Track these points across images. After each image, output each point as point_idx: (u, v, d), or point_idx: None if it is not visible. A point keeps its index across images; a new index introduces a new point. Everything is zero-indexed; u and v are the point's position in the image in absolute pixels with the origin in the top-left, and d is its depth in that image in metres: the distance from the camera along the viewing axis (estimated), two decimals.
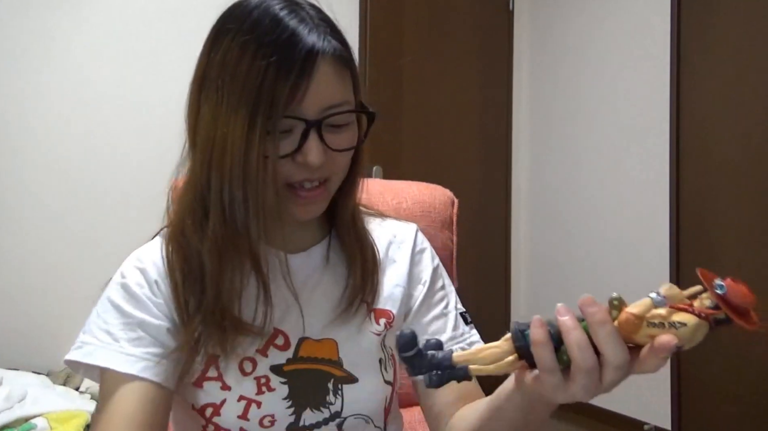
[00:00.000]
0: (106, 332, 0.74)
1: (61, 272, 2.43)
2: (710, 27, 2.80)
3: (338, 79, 0.72)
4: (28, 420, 1.91)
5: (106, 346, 0.73)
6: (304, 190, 0.74)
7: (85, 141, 2.53)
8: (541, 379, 0.55)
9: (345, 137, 0.74)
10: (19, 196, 2.42)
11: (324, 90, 0.70)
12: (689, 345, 0.53)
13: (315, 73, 0.69)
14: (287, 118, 0.69)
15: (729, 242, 2.71)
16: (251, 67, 0.68)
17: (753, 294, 0.51)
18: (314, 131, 0.70)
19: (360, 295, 0.82)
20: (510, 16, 3.69)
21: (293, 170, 0.72)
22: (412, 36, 3.33)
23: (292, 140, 0.71)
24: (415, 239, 0.91)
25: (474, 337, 0.89)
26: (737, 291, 0.51)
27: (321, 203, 0.77)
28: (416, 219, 0.96)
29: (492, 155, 3.64)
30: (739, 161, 2.69)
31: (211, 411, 0.76)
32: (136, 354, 0.72)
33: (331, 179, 0.76)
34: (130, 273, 0.78)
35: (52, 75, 2.48)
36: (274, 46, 0.68)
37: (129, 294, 0.76)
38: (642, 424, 2.99)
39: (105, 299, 0.77)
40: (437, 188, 1.05)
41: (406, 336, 0.58)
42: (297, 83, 0.68)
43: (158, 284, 0.76)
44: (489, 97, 3.61)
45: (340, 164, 0.76)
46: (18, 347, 2.37)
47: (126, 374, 0.71)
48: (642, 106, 3.06)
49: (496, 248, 3.62)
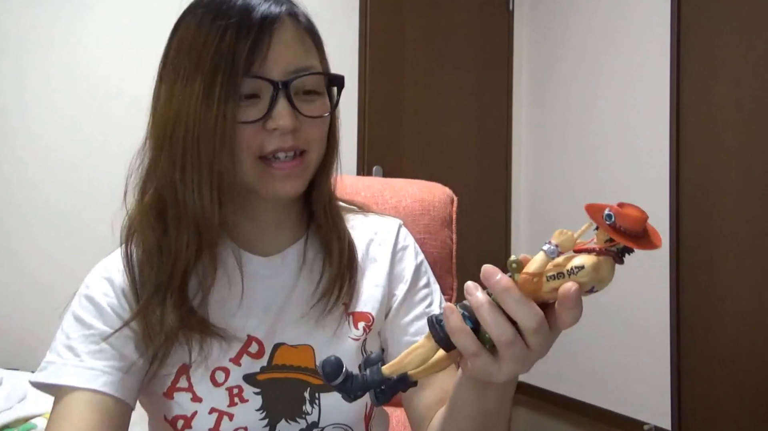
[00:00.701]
0: (68, 347, 0.71)
1: (61, 271, 2.42)
2: (710, 26, 2.80)
3: (300, 42, 0.70)
4: (28, 420, 1.90)
5: (67, 362, 0.70)
6: (279, 161, 0.70)
7: (89, 138, 2.52)
8: (471, 364, 0.53)
9: (316, 105, 0.72)
10: (20, 194, 2.42)
11: (287, 51, 0.68)
12: (600, 286, 0.50)
13: (275, 33, 0.67)
14: (251, 77, 0.66)
15: (729, 241, 2.71)
16: (208, 35, 0.66)
17: (643, 213, 0.49)
18: (283, 93, 0.68)
19: (337, 285, 0.77)
20: (510, 16, 3.69)
21: (265, 138, 0.68)
22: (412, 36, 3.34)
23: (261, 106, 0.68)
24: (396, 236, 0.86)
25: None
26: (625, 216, 0.48)
27: (299, 178, 0.72)
28: (416, 217, 0.96)
29: (492, 155, 3.64)
30: (739, 161, 2.69)
31: (183, 423, 0.73)
32: (96, 368, 0.69)
33: (308, 152, 0.72)
34: (94, 283, 0.75)
35: (54, 71, 2.48)
36: (231, 12, 0.67)
37: (93, 305, 0.73)
38: (642, 424, 2.99)
39: (69, 313, 0.74)
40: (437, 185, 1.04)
41: (331, 364, 0.54)
42: (257, 40, 0.66)
43: (125, 293, 0.73)
44: (489, 97, 3.62)
45: (314, 134, 0.72)
46: (18, 347, 2.36)
47: (85, 389, 0.68)
48: (642, 105, 3.06)
49: (496, 248, 3.62)
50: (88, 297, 0.74)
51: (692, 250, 2.85)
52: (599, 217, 0.50)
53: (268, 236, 0.79)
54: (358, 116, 3.11)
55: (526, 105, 3.71)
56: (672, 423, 2.88)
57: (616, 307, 3.13)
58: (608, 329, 3.17)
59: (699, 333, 2.81)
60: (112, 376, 0.69)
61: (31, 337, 2.41)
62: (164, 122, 0.69)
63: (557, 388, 3.45)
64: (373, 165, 3.16)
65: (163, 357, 0.71)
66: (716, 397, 2.74)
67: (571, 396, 3.36)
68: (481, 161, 3.59)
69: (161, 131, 0.69)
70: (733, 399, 2.69)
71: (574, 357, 3.35)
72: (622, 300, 3.10)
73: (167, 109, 0.68)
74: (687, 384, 2.86)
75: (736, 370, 2.67)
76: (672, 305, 2.89)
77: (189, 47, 0.68)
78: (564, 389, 3.41)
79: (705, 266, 2.80)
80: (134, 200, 0.74)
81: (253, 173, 0.70)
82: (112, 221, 0.76)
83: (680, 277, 2.87)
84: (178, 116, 0.67)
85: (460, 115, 3.51)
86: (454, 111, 3.49)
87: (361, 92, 3.13)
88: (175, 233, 0.70)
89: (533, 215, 3.66)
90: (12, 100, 2.42)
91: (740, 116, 2.68)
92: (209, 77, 0.65)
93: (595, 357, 3.24)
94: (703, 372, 2.80)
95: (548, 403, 3.48)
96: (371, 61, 3.16)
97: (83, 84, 2.52)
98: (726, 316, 2.71)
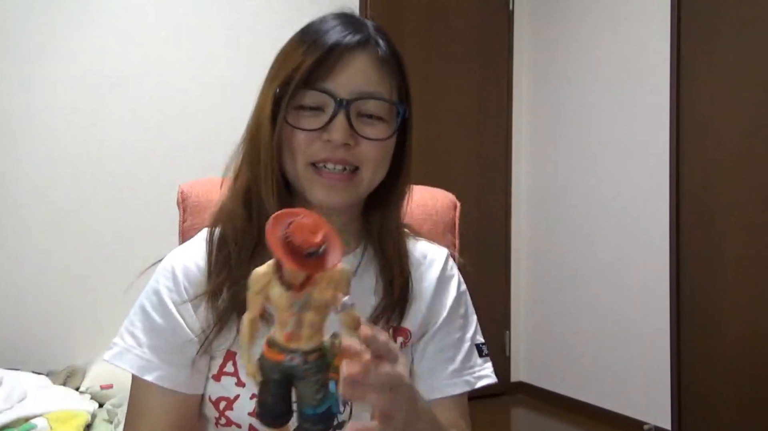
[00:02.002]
0: (131, 334, 0.77)
1: (62, 271, 2.42)
2: (710, 26, 2.79)
3: (376, 72, 0.77)
4: (28, 420, 1.91)
5: (130, 349, 0.76)
6: (327, 171, 0.75)
7: (92, 135, 2.52)
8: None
9: (376, 128, 0.77)
10: (21, 192, 2.42)
11: (357, 75, 0.75)
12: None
13: (350, 56, 0.75)
14: (314, 90, 0.74)
15: (729, 241, 2.71)
16: (290, 51, 0.77)
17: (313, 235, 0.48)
18: (343, 111, 0.74)
19: (387, 315, 0.81)
20: (510, 16, 3.68)
21: (319, 148, 0.75)
22: (412, 36, 3.33)
23: (323, 118, 0.75)
24: (445, 264, 0.90)
25: (484, 371, 0.87)
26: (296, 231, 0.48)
27: (346, 190, 0.77)
28: (418, 223, 0.95)
29: (492, 155, 3.63)
30: (740, 161, 2.69)
31: (225, 404, 0.78)
32: (153, 361, 0.75)
33: (360, 170, 0.77)
34: (162, 277, 0.80)
35: (57, 73, 2.48)
36: (317, 32, 0.76)
37: (158, 300, 0.78)
38: (642, 424, 2.99)
39: (138, 303, 0.80)
40: (440, 191, 1.04)
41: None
42: (325, 58, 0.74)
43: (187, 290, 0.78)
44: (489, 97, 3.61)
45: (368, 154, 0.76)
46: (18, 347, 2.36)
47: (145, 380, 0.75)
48: (642, 105, 3.05)
49: (496, 249, 3.62)
50: (156, 291, 0.79)
51: (692, 249, 2.85)
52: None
53: None
54: None
55: (526, 105, 3.71)
56: (672, 423, 2.88)
57: (616, 307, 3.13)
58: (608, 329, 3.17)
59: (699, 333, 2.81)
60: (171, 369, 0.75)
61: (31, 337, 2.41)
62: (251, 121, 0.79)
63: (557, 388, 3.45)
64: None
65: (214, 339, 0.76)
66: (716, 397, 2.75)
67: (571, 396, 3.36)
68: (481, 162, 3.59)
69: (249, 129, 0.79)
70: (732, 399, 2.69)
71: (574, 356, 3.36)
72: (622, 300, 3.10)
73: (255, 110, 0.79)
74: (687, 384, 2.86)
75: (736, 370, 2.68)
76: (672, 305, 2.89)
77: (276, 62, 0.78)
78: (564, 389, 3.41)
79: (705, 267, 2.80)
80: (228, 187, 0.82)
81: (304, 177, 0.76)
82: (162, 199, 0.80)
83: (680, 277, 2.87)
84: (258, 118, 0.78)
85: (460, 115, 3.51)
86: (454, 111, 3.48)
87: None
88: (257, 221, 0.76)
89: (533, 215, 3.66)
90: (14, 102, 2.41)
91: (740, 116, 2.68)
92: (281, 86, 0.75)
93: (595, 357, 3.24)
94: (703, 372, 2.80)
95: (548, 403, 3.48)
96: None
97: (86, 86, 2.52)
98: (726, 316, 2.71)
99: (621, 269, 3.12)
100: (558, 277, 3.48)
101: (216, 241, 0.80)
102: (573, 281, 3.38)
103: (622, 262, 3.12)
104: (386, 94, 0.77)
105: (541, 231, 3.60)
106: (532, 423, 3.42)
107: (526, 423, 3.44)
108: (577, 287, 3.36)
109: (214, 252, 0.79)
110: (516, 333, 3.65)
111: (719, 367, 2.73)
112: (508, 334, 3.63)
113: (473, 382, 0.86)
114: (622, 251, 3.12)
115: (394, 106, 0.79)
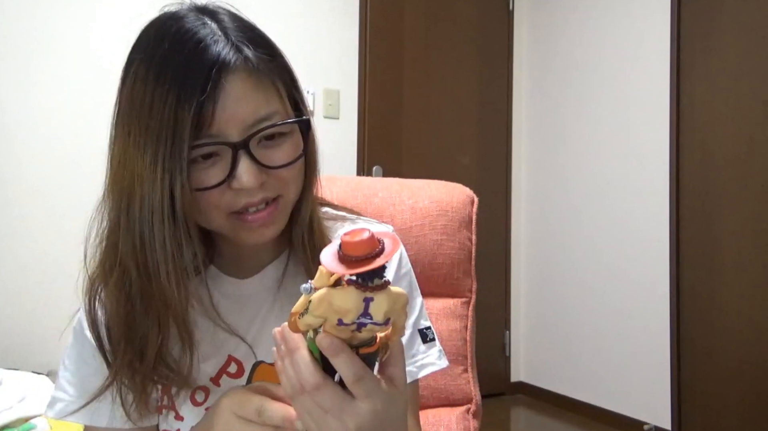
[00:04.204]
0: (70, 383, 0.76)
1: (61, 271, 2.41)
2: (710, 26, 2.80)
3: (256, 91, 0.65)
4: (28, 420, 1.89)
5: (74, 400, 0.75)
6: (252, 214, 0.68)
7: (91, 139, 2.51)
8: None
9: (284, 149, 0.68)
10: (19, 192, 2.41)
11: (239, 107, 0.64)
12: (347, 316, 0.49)
13: (223, 90, 0.62)
14: (201, 146, 0.63)
15: (729, 241, 2.72)
16: (153, 96, 0.62)
17: (363, 236, 0.49)
18: (243, 152, 0.64)
19: None
20: (510, 16, 3.69)
21: (232, 198, 0.66)
22: (412, 36, 3.33)
23: (223, 165, 0.65)
24: None
25: (427, 359, 0.80)
26: (347, 244, 0.49)
27: (275, 223, 0.70)
28: (432, 219, 0.94)
29: (492, 155, 3.64)
30: (739, 161, 2.69)
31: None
32: (99, 408, 0.73)
33: (283, 196, 0.70)
34: (83, 318, 0.75)
35: (57, 72, 2.47)
36: (174, 68, 0.62)
37: (76, 339, 0.76)
38: (642, 424, 2.99)
39: (67, 348, 0.78)
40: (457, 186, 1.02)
41: None
42: (202, 104, 0.61)
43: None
44: (489, 97, 3.62)
45: (286, 178, 0.69)
46: (18, 347, 2.35)
47: (95, 427, 0.74)
48: (642, 105, 3.06)
49: (496, 249, 3.62)
50: (74, 330, 0.77)
51: (692, 250, 2.85)
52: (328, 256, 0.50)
53: (247, 258, 0.78)
54: (358, 116, 3.10)
55: (526, 105, 3.71)
56: (672, 423, 2.89)
57: (616, 307, 3.13)
58: (608, 329, 3.18)
59: (699, 334, 2.82)
60: (110, 413, 0.73)
61: (31, 337, 2.40)
62: (120, 187, 0.66)
63: (557, 388, 3.46)
64: (373, 165, 3.16)
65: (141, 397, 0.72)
66: (716, 397, 2.75)
67: (571, 396, 3.36)
68: (481, 161, 3.59)
69: (118, 197, 0.67)
70: (733, 399, 2.69)
71: (574, 356, 3.36)
72: (623, 300, 3.10)
73: (123, 170, 0.66)
74: (687, 384, 2.86)
75: (736, 370, 2.68)
76: (672, 305, 2.89)
77: (138, 109, 0.64)
78: (564, 389, 3.42)
79: (705, 266, 2.80)
80: (96, 263, 0.70)
81: (228, 227, 0.69)
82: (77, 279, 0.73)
83: (680, 277, 2.88)
84: (132, 185, 0.64)
85: (460, 115, 3.51)
86: (454, 111, 3.49)
87: (361, 92, 3.12)
88: (143, 311, 0.67)
89: (533, 215, 3.66)
90: (14, 101, 2.40)
91: (740, 116, 2.69)
92: (157, 147, 0.62)
93: (595, 357, 3.24)
94: (703, 373, 2.80)
95: (548, 403, 3.48)
96: (371, 61, 3.16)
97: (86, 85, 2.51)
98: (726, 316, 2.72)
99: (621, 269, 3.12)
100: (558, 277, 3.48)
101: (99, 320, 0.71)
102: (573, 282, 3.38)
103: (622, 262, 3.12)
104: (279, 108, 0.67)
105: (541, 231, 3.61)
106: (532, 423, 3.42)
107: (525, 423, 3.44)
108: (576, 288, 3.36)
109: (103, 336, 0.71)
110: (516, 333, 3.66)
111: (719, 367, 2.74)
112: (508, 334, 3.63)
113: (415, 372, 0.78)
114: (622, 251, 3.12)
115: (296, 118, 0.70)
